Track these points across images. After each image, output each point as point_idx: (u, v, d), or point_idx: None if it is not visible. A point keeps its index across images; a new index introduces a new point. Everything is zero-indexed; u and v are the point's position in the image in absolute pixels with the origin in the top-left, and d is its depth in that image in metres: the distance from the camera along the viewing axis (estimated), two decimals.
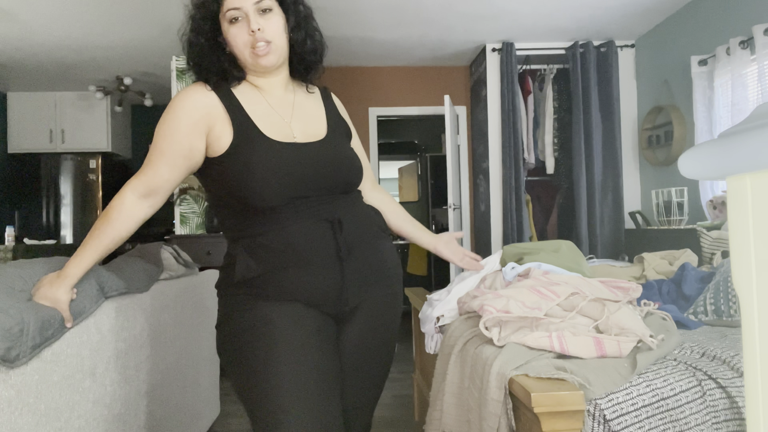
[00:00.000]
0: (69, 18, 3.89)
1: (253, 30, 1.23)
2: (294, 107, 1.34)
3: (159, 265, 2.17)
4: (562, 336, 1.43)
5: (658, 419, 1.29)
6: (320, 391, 1.18)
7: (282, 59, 1.31)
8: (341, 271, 1.25)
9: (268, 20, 1.25)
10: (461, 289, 2.09)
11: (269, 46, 1.25)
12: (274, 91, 1.33)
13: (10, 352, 1.16)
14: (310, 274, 1.22)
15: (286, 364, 1.17)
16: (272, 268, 1.21)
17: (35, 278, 1.38)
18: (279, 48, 1.28)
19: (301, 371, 1.17)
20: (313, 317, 1.23)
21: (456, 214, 4.86)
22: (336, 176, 1.27)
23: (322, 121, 1.36)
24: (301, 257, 1.22)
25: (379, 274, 1.35)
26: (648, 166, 4.42)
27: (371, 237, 1.34)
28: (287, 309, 1.21)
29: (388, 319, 1.38)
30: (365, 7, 3.83)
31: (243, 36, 1.24)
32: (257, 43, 1.24)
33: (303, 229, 1.22)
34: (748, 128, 0.64)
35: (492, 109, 4.61)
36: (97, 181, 5.66)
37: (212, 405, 2.73)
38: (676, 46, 4.02)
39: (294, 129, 1.30)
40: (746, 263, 0.67)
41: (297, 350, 1.18)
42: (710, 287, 2.04)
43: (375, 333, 1.35)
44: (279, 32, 1.27)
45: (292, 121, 1.31)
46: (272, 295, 1.22)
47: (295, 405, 1.14)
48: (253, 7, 1.23)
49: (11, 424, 1.16)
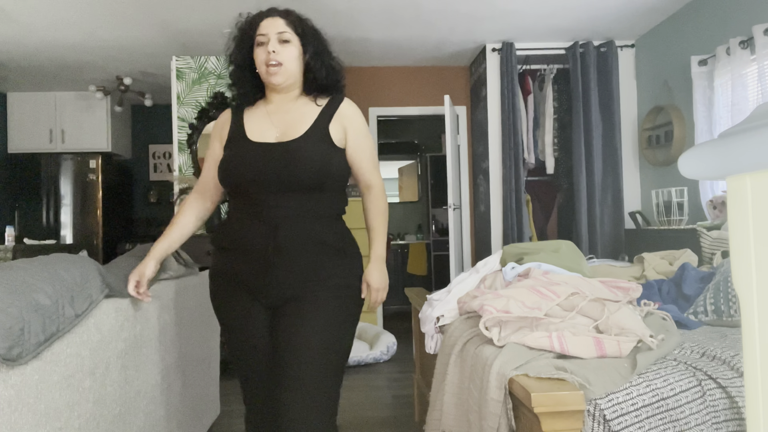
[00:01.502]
0: (69, 18, 3.89)
1: (269, 51, 1.56)
2: (286, 114, 1.62)
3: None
4: (562, 336, 1.43)
5: (658, 419, 1.29)
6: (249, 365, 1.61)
7: (290, 81, 1.61)
8: (268, 269, 1.52)
9: (285, 48, 1.58)
10: (461, 289, 2.09)
11: (279, 67, 1.57)
12: (280, 104, 1.64)
13: (11, 351, 1.16)
14: (246, 263, 1.55)
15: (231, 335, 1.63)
16: (226, 246, 1.59)
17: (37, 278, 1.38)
18: (288, 71, 1.59)
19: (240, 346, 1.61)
20: (252, 308, 1.58)
21: (456, 214, 4.86)
22: (291, 172, 1.51)
23: (305, 126, 1.59)
24: (241, 247, 1.56)
25: (307, 279, 1.53)
26: (648, 166, 4.42)
27: (308, 247, 1.54)
28: (238, 297, 1.59)
29: (320, 318, 1.52)
30: (365, 7, 3.83)
31: (263, 55, 1.58)
32: (270, 62, 1.56)
33: (256, 225, 1.54)
34: (748, 128, 0.64)
35: (492, 109, 4.62)
36: (97, 181, 5.66)
37: (212, 405, 2.73)
38: (676, 46, 4.02)
39: (275, 132, 1.60)
40: (746, 263, 0.67)
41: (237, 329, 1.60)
42: (710, 287, 2.04)
43: (301, 329, 1.50)
44: (291, 59, 1.59)
45: (278, 125, 1.61)
46: (231, 276, 1.58)
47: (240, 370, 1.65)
48: (275, 36, 1.59)
49: (11, 424, 1.16)
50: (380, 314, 5.13)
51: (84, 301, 1.49)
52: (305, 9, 4.01)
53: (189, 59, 4.36)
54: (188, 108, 4.36)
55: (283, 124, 1.60)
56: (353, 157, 1.63)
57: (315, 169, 1.51)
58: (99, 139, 5.81)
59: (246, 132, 1.61)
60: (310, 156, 1.52)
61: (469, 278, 2.14)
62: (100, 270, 1.64)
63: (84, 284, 1.52)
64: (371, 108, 5.24)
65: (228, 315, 1.61)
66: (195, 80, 4.37)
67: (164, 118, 6.15)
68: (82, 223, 5.64)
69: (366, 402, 3.20)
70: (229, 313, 1.61)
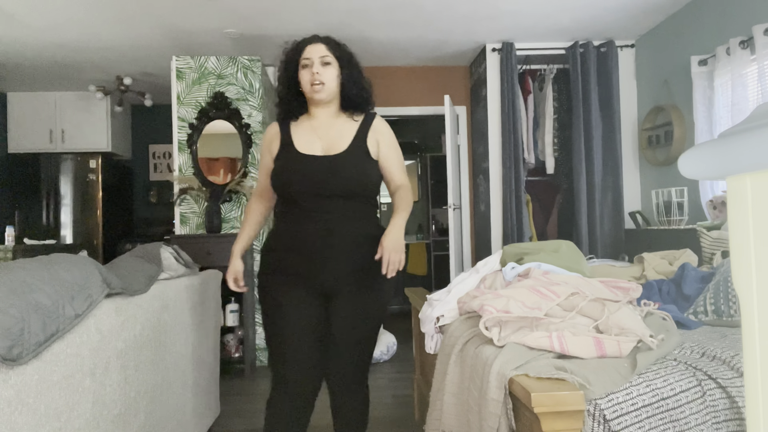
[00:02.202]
0: (69, 18, 3.89)
1: (314, 72, 1.83)
2: (329, 129, 1.90)
3: (159, 265, 2.17)
4: (562, 336, 1.43)
5: (658, 419, 1.29)
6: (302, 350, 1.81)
7: (330, 97, 1.88)
8: (325, 263, 1.80)
9: (326, 70, 1.85)
10: (461, 289, 2.09)
11: (323, 86, 1.84)
12: (321, 118, 1.91)
13: (11, 351, 1.16)
14: (303, 260, 1.81)
15: (284, 329, 1.81)
16: (287, 247, 1.83)
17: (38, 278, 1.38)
18: (328, 89, 1.86)
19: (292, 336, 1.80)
20: (306, 295, 1.82)
21: (456, 214, 4.86)
22: (338, 182, 1.79)
23: (347, 141, 1.86)
24: (296, 247, 1.82)
25: (357, 272, 1.82)
26: (648, 166, 4.42)
27: (356, 243, 1.82)
28: (291, 286, 1.82)
29: (366, 305, 1.85)
30: (365, 7, 3.83)
31: (308, 76, 1.85)
32: (315, 82, 1.83)
33: (310, 226, 1.81)
34: (748, 128, 0.64)
35: (492, 109, 4.61)
36: (97, 181, 5.66)
37: (212, 405, 2.73)
38: (676, 46, 4.02)
39: (321, 145, 1.86)
40: (746, 263, 0.67)
41: (292, 322, 1.80)
42: (710, 287, 2.04)
43: (351, 318, 1.84)
44: (331, 79, 1.86)
45: (323, 139, 1.88)
46: (286, 269, 1.83)
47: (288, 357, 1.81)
48: (318, 59, 1.85)
49: (11, 424, 1.16)
50: None
51: (84, 301, 1.49)
52: (305, 9, 4.02)
53: (189, 59, 4.36)
54: (188, 108, 4.36)
55: (327, 138, 1.88)
56: (385, 166, 1.91)
57: (356, 179, 1.82)
58: (99, 139, 5.81)
59: (294, 144, 1.87)
60: (352, 169, 1.82)
61: (469, 278, 2.14)
62: (101, 270, 1.64)
63: (84, 284, 1.52)
64: None
65: (284, 302, 1.81)
66: (195, 80, 4.37)
67: (164, 118, 6.14)
68: (82, 223, 5.64)
69: None
70: (285, 301, 1.81)
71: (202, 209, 4.31)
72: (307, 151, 1.85)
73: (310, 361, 1.82)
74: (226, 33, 4.23)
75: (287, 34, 4.33)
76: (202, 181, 4.28)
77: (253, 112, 4.42)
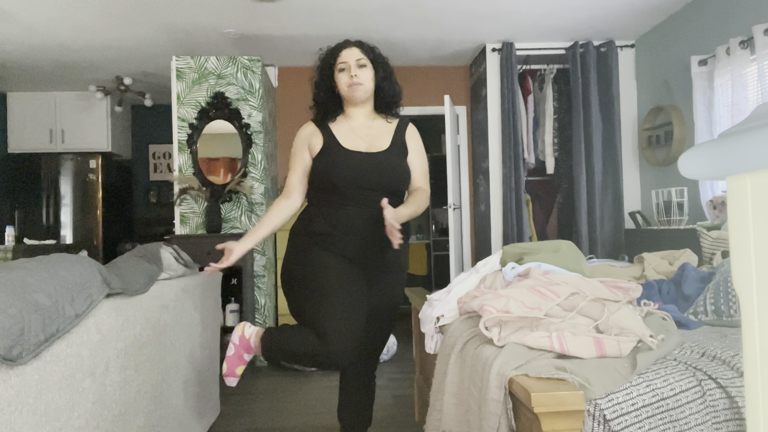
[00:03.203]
0: (69, 18, 3.89)
1: (352, 75, 1.97)
2: (369, 129, 2.05)
3: (159, 265, 2.17)
4: (562, 336, 1.43)
5: (658, 419, 1.29)
6: (351, 306, 1.90)
7: (367, 96, 2.02)
8: (367, 247, 1.96)
9: (362, 71, 2.00)
10: (461, 289, 2.09)
11: (361, 86, 1.98)
12: (358, 118, 2.07)
13: (11, 351, 1.16)
14: (351, 243, 1.95)
15: (333, 287, 1.90)
16: (330, 230, 1.95)
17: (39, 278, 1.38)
18: (365, 89, 2.00)
19: (341, 292, 1.90)
20: (351, 267, 1.96)
21: (456, 214, 4.86)
22: (381, 177, 1.96)
23: (387, 141, 2.03)
24: (347, 229, 1.94)
25: (388, 261, 2.04)
26: (648, 166, 4.42)
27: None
28: (337, 259, 1.95)
29: (393, 289, 2.11)
30: (365, 7, 3.83)
31: (345, 79, 1.99)
32: (353, 83, 1.97)
33: (354, 212, 1.94)
34: (748, 128, 0.64)
35: (492, 109, 4.61)
36: (97, 181, 5.66)
37: (212, 405, 2.73)
38: (676, 46, 4.02)
39: (363, 143, 2.02)
40: (746, 263, 0.67)
41: (340, 281, 1.92)
42: (710, 287, 2.04)
43: (384, 294, 2.08)
44: (368, 79, 2.01)
45: (364, 138, 2.03)
46: (330, 247, 1.95)
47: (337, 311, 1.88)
48: (354, 62, 1.99)
49: (11, 424, 1.16)
50: None
51: (84, 301, 1.49)
52: (305, 9, 4.02)
53: (189, 59, 4.36)
54: (188, 108, 4.36)
55: (369, 137, 2.03)
56: (410, 168, 2.06)
57: (397, 175, 2.00)
58: (99, 139, 5.81)
59: (339, 141, 2.00)
60: (394, 165, 2.00)
61: (469, 278, 2.14)
62: (101, 270, 1.64)
63: (84, 284, 1.52)
64: None
65: (332, 266, 1.93)
66: (195, 80, 4.37)
67: (164, 118, 6.15)
68: (82, 223, 5.64)
69: None
70: (334, 266, 1.93)
71: (202, 209, 4.31)
72: (352, 147, 1.99)
73: (357, 313, 1.91)
74: (226, 33, 4.23)
75: (287, 34, 4.33)
76: (202, 181, 4.28)
77: (253, 112, 4.41)
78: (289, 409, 3.11)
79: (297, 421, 2.92)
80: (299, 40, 4.48)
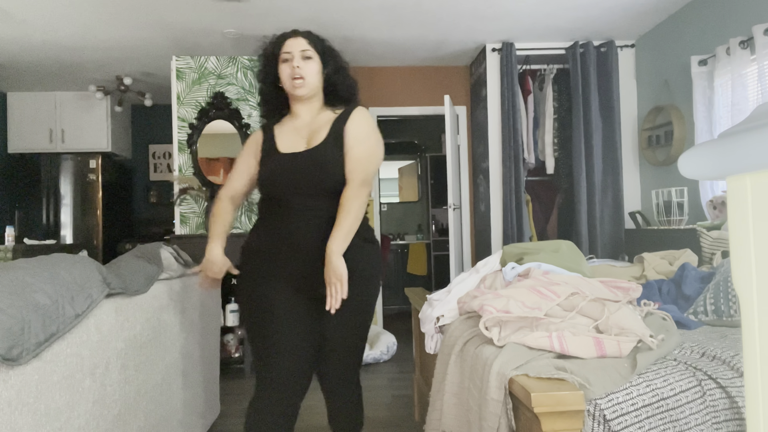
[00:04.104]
0: (69, 18, 3.89)
1: (295, 66, 1.77)
2: (311, 126, 1.82)
3: (159, 265, 2.17)
4: (562, 336, 1.43)
5: (658, 419, 1.29)
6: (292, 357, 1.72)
7: (310, 92, 1.81)
8: (307, 266, 1.71)
9: (307, 64, 1.79)
10: (461, 289, 2.09)
11: (303, 81, 1.77)
12: (304, 117, 1.85)
13: (11, 351, 1.16)
14: (287, 259, 1.73)
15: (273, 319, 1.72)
16: (274, 248, 1.74)
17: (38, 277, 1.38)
18: (310, 84, 1.79)
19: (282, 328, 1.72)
20: (297, 301, 1.75)
21: (456, 214, 4.86)
22: (312, 177, 1.72)
23: (324, 134, 1.77)
24: (282, 244, 1.73)
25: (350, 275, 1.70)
26: (648, 166, 4.42)
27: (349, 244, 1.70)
28: (281, 293, 1.74)
29: (356, 310, 1.80)
30: (365, 7, 3.83)
31: (288, 70, 1.78)
32: (295, 76, 1.76)
33: (297, 225, 1.72)
34: (748, 128, 0.64)
35: (492, 109, 4.61)
36: (97, 181, 5.66)
37: (212, 405, 2.73)
38: (676, 46, 4.02)
39: (304, 142, 1.79)
40: (746, 263, 0.67)
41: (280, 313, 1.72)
42: (710, 287, 2.04)
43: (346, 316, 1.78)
44: (312, 74, 1.79)
45: (305, 136, 1.81)
46: (275, 272, 1.74)
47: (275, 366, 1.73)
48: (299, 53, 1.79)
49: (11, 424, 1.16)
50: (380, 314, 5.13)
51: (84, 301, 1.49)
52: (305, 9, 4.02)
53: (189, 59, 4.36)
54: (188, 108, 4.36)
55: (309, 133, 1.81)
56: (346, 156, 1.75)
57: (326, 171, 1.71)
58: (99, 139, 5.81)
59: (278, 146, 1.81)
60: (322, 161, 1.72)
61: (469, 278, 2.14)
62: (101, 270, 1.64)
63: (84, 284, 1.52)
64: (371, 108, 5.24)
65: (272, 300, 1.73)
66: (195, 80, 4.37)
67: (164, 118, 6.14)
68: (82, 223, 5.64)
69: (366, 402, 3.20)
70: (273, 299, 1.73)
71: (202, 209, 4.31)
72: (289, 149, 1.78)
73: (301, 362, 1.74)
74: (226, 33, 4.23)
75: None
76: (202, 181, 4.28)
77: (253, 112, 4.41)
78: None
79: (297, 421, 2.92)
80: None
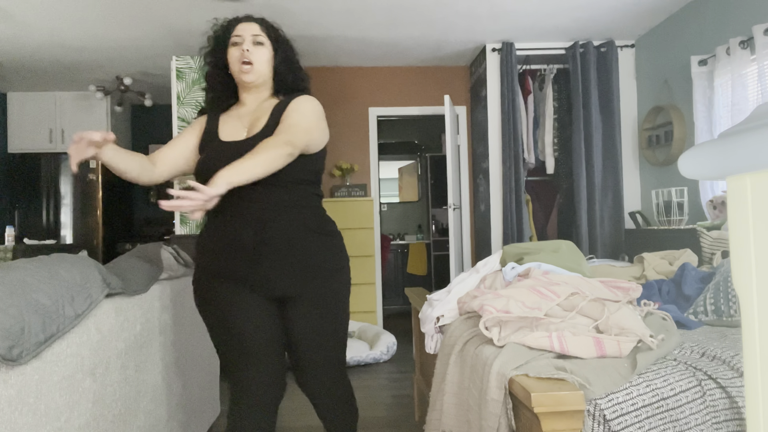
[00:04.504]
0: (69, 18, 3.89)
1: (243, 50, 1.68)
2: (254, 114, 1.73)
3: (159, 265, 2.17)
4: (562, 336, 1.43)
5: (658, 419, 1.29)
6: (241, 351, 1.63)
7: (260, 80, 1.72)
8: (259, 261, 1.60)
9: (257, 49, 1.70)
10: (461, 289, 2.09)
11: (251, 66, 1.68)
12: (250, 104, 1.76)
13: (11, 351, 1.16)
14: (238, 258, 1.61)
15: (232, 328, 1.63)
16: (217, 244, 1.64)
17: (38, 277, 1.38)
18: (258, 71, 1.70)
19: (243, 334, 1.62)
20: (247, 292, 1.63)
21: (456, 214, 4.86)
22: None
23: (265, 120, 1.68)
24: (231, 242, 1.61)
25: (305, 271, 1.65)
26: (648, 166, 4.42)
27: (296, 237, 1.63)
28: (228, 283, 1.63)
29: (326, 307, 1.69)
30: (365, 6, 3.83)
31: (237, 53, 1.69)
32: (244, 59, 1.67)
33: (241, 222, 1.60)
34: (748, 128, 0.64)
35: (492, 109, 4.61)
36: (97, 181, 5.66)
37: (212, 405, 2.73)
38: (676, 46, 4.02)
39: (244, 131, 1.70)
40: (746, 263, 0.67)
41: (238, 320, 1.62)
42: (710, 287, 2.04)
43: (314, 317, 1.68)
44: (262, 61, 1.71)
45: (246, 125, 1.71)
46: (227, 274, 1.63)
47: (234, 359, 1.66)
48: (250, 37, 1.70)
49: (11, 424, 1.16)
50: (380, 314, 5.13)
51: (84, 301, 1.49)
52: (305, 9, 4.02)
53: (189, 59, 4.36)
54: (188, 108, 4.36)
55: (251, 122, 1.71)
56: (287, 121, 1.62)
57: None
58: None
59: (219, 134, 1.71)
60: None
61: (469, 278, 2.14)
62: (100, 270, 1.64)
63: (84, 284, 1.52)
64: (371, 108, 5.24)
65: (229, 308, 1.63)
66: (195, 80, 4.37)
67: (164, 118, 6.15)
68: (82, 223, 5.64)
69: (366, 402, 3.20)
70: (230, 307, 1.63)
71: None
72: (230, 138, 1.68)
73: (269, 367, 1.66)
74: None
75: (287, 34, 4.33)
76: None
77: None
78: (289, 408, 3.11)
79: (297, 421, 2.92)
80: (299, 41, 4.48)
